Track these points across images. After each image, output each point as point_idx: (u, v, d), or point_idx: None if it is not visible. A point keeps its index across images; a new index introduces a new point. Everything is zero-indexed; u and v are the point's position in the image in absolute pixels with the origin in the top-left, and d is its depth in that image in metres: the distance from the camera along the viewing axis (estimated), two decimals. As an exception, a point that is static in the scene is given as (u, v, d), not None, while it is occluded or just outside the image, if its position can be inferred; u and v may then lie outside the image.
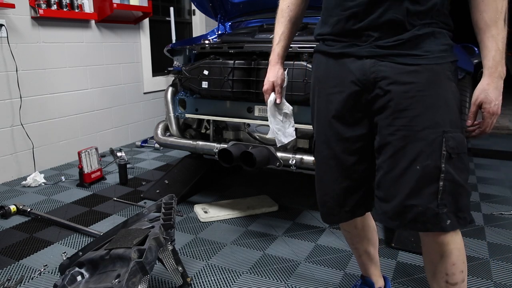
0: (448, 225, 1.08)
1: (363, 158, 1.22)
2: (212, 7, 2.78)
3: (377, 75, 1.10)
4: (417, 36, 1.06)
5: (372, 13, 1.07)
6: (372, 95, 1.12)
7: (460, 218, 1.09)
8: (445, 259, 1.15)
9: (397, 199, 1.11)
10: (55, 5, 3.13)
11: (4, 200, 2.64)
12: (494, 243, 2.02)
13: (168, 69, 2.58)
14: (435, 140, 1.06)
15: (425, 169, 1.06)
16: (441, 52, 1.08)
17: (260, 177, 3.02)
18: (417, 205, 1.08)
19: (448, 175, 1.06)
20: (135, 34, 4.02)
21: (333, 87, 1.19)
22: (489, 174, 3.07)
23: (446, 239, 1.12)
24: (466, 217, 1.10)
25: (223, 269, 1.82)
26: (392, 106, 1.09)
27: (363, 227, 1.42)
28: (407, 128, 1.08)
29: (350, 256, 1.92)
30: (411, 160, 1.08)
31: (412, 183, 1.08)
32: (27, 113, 3.07)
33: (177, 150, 3.40)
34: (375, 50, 1.09)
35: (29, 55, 3.06)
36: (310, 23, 2.36)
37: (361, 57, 1.11)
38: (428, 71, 1.07)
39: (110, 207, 2.50)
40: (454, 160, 1.06)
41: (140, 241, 1.42)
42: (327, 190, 1.29)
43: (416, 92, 1.06)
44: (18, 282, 1.72)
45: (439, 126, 1.06)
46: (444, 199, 1.07)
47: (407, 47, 1.07)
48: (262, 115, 2.14)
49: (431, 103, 1.06)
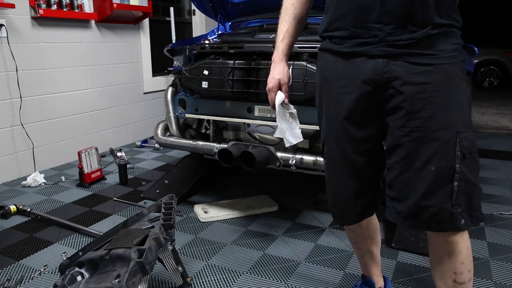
0: (463, 225, 1.09)
1: (372, 158, 1.22)
2: (212, 7, 2.78)
3: (390, 75, 1.08)
4: (430, 35, 1.04)
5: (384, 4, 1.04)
6: (385, 95, 1.11)
7: (473, 216, 1.10)
8: (454, 258, 1.14)
9: (411, 199, 1.11)
10: (55, 5, 3.13)
11: (4, 200, 2.64)
12: (494, 243, 2.02)
13: (168, 69, 2.58)
14: (449, 141, 1.05)
15: (439, 170, 1.06)
16: (453, 51, 1.07)
17: (260, 177, 3.02)
18: (432, 205, 1.08)
19: (462, 175, 1.06)
20: (135, 34, 4.02)
21: (343, 87, 1.17)
22: (489, 174, 3.07)
23: (456, 238, 1.12)
24: (478, 215, 1.11)
25: (223, 269, 1.82)
26: (406, 107, 1.08)
27: (368, 226, 1.41)
28: (421, 129, 1.07)
29: (350, 256, 1.92)
30: (425, 161, 1.07)
31: (427, 184, 1.08)
32: (27, 113, 3.07)
33: (177, 150, 3.39)
34: (388, 49, 1.07)
35: (29, 55, 3.06)
36: (310, 23, 2.36)
37: (373, 57, 1.09)
38: (441, 71, 1.06)
39: (110, 207, 2.50)
40: (467, 160, 1.07)
41: (140, 241, 1.42)
42: (337, 191, 1.29)
43: (430, 92, 1.06)
44: (18, 282, 1.72)
45: (453, 127, 1.05)
46: (459, 199, 1.07)
47: (420, 46, 1.05)
48: (262, 115, 2.14)
49: (444, 104, 1.06)
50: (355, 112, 1.17)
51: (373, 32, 1.08)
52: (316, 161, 2.00)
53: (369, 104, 1.14)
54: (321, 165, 2.00)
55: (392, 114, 1.11)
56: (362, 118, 1.17)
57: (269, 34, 2.29)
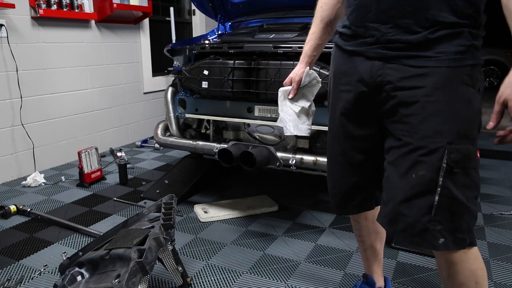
0: (441, 244, 1.01)
1: (371, 156, 1.21)
2: (212, 7, 2.78)
3: (383, 78, 1.05)
4: (429, 40, 0.98)
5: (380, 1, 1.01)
6: (379, 98, 1.09)
7: (457, 238, 1.01)
8: (452, 279, 1.08)
9: (391, 204, 1.08)
10: (55, 5, 3.13)
11: (4, 200, 2.64)
12: (494, 243, 2.02)
13: (168, 69, 2.58)
14: (435, 151, 0.99)
15: (420, 179, 1.01)
16: (456, 53, 0.98)
17: (260, 177, 3.02)
18: (407, 215, 1.03)
19: (445, 191, 0.99)
20: (135, 34, 4.02)
21: (343, 84, 1.17)
22: (489, 174, 3.07)
23: (453, 258, 1.05)
24: (465, 238, 1.02)
25: (223, 269, 1.82)
26: (398, 111, 1.05)
27: (374, 221, 1.39)
28: (408, 134, 1.03)
29: (350, 256, 1.92)
30: (409, 167, 1.03)
31: (406, 191, 1.03)
32: (27, 113, 3.07)
33: (177, 150, 3.39)
34: (383, 51, 1.04)
35: (29, 55, 3.06)
36: (310, 23, 2.35)
37: (370, 58, 1.07)
38: (437, 75, 0.99)
39: (110, 207, 2.50)
40: (456, 175, 0.98)
41: (140, 241, 1.42)
42: (335, 184, 1.31)
43: (421, 97, 1.00)
44: (18, 282, 1.72)
45: (442, 136, 0.98)
46: (439, 215, 0.99)
47: (419, 48, 1.00)
48: (262, 115, 2.14)
49: (435, 110, 0.99)
50: (352, 110, 1.17)
51: (370, 31, 1.05)
52: (316, 161, 2.00)
53: (365, 105, 1.13)
54: (321, 165, 2.00)
55: (387, 117, 1.09)
56: (360, 117, 1.17)
57: (269, 34, 2.29)
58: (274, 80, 2.01)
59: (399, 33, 1.01)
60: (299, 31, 2.25)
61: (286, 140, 2.26)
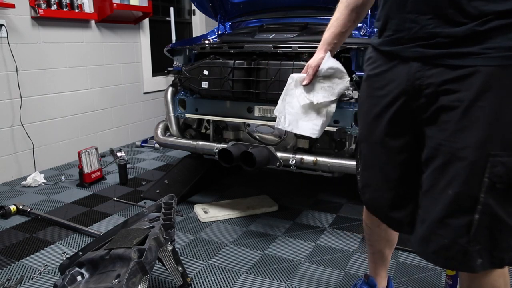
0: (478, 265, 0.90)
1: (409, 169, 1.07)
2: (212, 7, 2.78)
3: (422, 82, 0.93)
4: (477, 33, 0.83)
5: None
6: (418, 104, 0.96)
7: (495, 257, 0.90)
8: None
9: (426, 223, 0.96)
10: (55, 5, 3.13)
11: (4, 200, 2.64)
12: None
13: (168, 69, 2.58)
14: (476, 163, 0.86)
15: (457, 196, 0.89)
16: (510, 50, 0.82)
17: (260, 177, 3.02)
18: (442, 235, 0.92)
19: (486, 208, 0.87)
20: (135, 34, 4.02)
21: (378, 89, 1.06)
22: None
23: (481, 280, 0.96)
24: (504, 257, 0.91)
25: (223, 269, 1.82)
26: (439, 117, 0.92)
27: (386, 229, 1.28)
28: (448, 143, 0.90)
29: (350, 256, 1.92)
30: (447, 182, 0.91)
31: (442, 210, 0.92)
32: (27, 113, 3.07)
33: (177, 150, 3.39)
34: (422, 50, 0.91)
35: (29, 55, 3.06)
36: (310, 23, 2.36)
37: (407, 59, 0.95)
38: (484, 75, 0.84)
39: (110, 207, 2.50)
40: (500, 191, 0.86)
41: (140, 241, 1.42)
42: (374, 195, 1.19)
43: (464, 101, 0.87)
44: (18, 282, 1.72)
45: (485, 147, 0.85)
46: (478, 234, 0.88)
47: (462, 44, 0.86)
48: (262, 115, 2.14)
49: (479, 117, 0.85)
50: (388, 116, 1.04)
51: (406, 24, 0.92)
52: (316, 161, 2.00)
53: (403, 112, 1.01)
54: (321, 165, 2.00)
55: (427, 124, 0.96)
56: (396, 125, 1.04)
57: (269, 34, 2.29)
58: (274, 80, 2.01)
59: (440, 25, 0.87)
60: (299, 31, 2.25)
61: (286, 140, 2.26)
